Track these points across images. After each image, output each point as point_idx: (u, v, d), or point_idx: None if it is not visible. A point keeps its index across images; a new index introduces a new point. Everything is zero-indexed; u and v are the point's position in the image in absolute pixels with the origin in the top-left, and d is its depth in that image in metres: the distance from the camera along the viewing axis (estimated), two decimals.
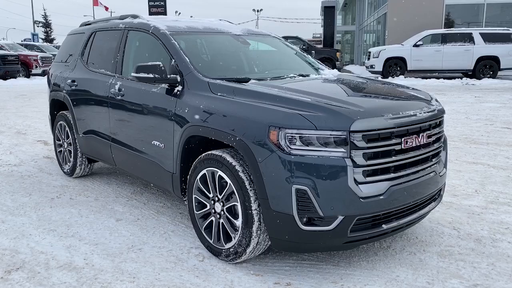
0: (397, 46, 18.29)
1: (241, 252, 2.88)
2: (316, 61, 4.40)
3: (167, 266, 3.01)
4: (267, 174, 2.66)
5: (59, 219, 3.86)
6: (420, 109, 2.94)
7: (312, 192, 2.57)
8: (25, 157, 6.16)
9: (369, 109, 2.73)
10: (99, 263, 3.05)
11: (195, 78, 3.29)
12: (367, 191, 2.65)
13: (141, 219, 3.85)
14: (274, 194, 2.65)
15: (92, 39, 4.73)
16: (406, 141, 2.79)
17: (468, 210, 4.03)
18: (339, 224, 2.62)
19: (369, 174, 2.69)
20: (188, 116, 3.18)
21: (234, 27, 4.28)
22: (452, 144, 6.78)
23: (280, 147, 2.61)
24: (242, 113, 2.84)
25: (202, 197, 3.14)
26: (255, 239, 2.82)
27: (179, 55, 3.47)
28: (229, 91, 3.06)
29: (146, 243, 3.38)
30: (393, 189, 2.74)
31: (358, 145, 2.61)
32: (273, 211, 2.67)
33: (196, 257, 3.14)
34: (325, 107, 2.69)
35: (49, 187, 4.78)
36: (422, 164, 2.98)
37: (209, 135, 3.00)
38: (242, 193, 2.79)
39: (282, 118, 2.64)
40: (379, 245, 3.32)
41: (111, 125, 4.14)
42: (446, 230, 3.58)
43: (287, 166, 2.59)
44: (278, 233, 2.73)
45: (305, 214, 2.61)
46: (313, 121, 2.60)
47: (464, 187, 4.73)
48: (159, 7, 39.08)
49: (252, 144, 2.71)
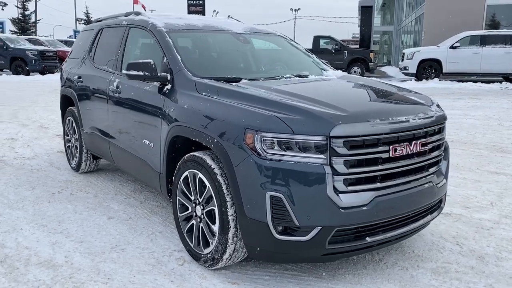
0: (432, 48, 17.64)
1: (218, 259, 2.78)
2: (321, 61, 4.23)
3: (144, 269, 2.94)
4: (242, 179, 2.53)
5: (53, 214, 3.87)
6: (414, 115, 2.73)
7: (287, 200, 2.43)
8: (40, 150, 6.29)
9: (354, 114, 2.56)
10: (79, 262, 3.02)
11: (183, 77, 3.21)
12: (349, 201, 2.48)
13: (133, 218, 3.81)
14: (249, 200, 2.52)
15: (99, 36, 4.74)
16: (395, 149, 2.59)
17: (477, 224, 3.76)
18: (316, 235, 2.47)
19: (352, 183, 2.52)
20: (173, 116, 3.10)
21: (237, 25, 4.17)
22: (476, 152, 6.42)
23: (256, 151, 2.48)
24: (221, 114, 2.73)
25: (185, 199, 3.05)
26: (231, 246, 2.70)
27: (171, 53, 3.40)
28: (213, 91, 2.96)
29: (130, 243, 3.32)
30: (378, 200, 2.56)
31: (339, 152, 2.45)
32: (248, 218, 2.54)
33: (177, 261, 3.06)
34: (306, 110, 2.53)
35: (54, 181, 4.83)
36: (416, 174, 2.77)
37: (191, 136, 2.90)
38: (219, 197, 2.68)
39: (258, 121, 2.51)
40: (371, 258, 3.13)
41: (109, 123, 4.12)
42: (448, 245, 3.34)
43: (262, 171, 2.46)
44: (253, 241, 2.60)
45: (280, 222, 2.47)
46: (291, 124, 2.45)
47: (480, 198, 4.43)
48: (198, 6, 39.59)
49: (229, 147, 2.59)
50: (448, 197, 4.45)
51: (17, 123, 8.45)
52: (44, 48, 21.30)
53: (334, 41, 21.51)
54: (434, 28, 21.15)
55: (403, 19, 32.78)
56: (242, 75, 3.37)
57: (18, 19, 38.56)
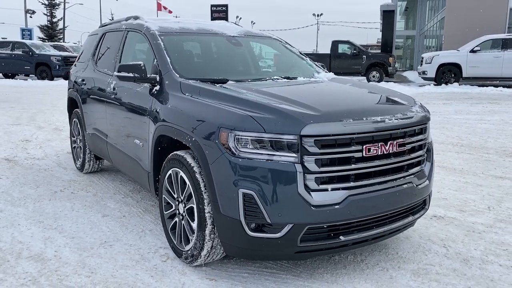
0: (452, 52, 17.36)
1: (197, 255, 2.84)
2: (314, 64, 4.26)
3: (128, 264, 3.03)
4: (217, 177, 2.60)
5: (52, 211, 4.01)
6: (391, 115, 2.74)
7: (259, 197, 2.47)
8: (51, 151, 6.50)
9: (327, 113, 2.59)
10: (67, 256, 3.13)
11: (171, 78, 3.30)
12: (320, 199, 2.51)
13: (127, 216, 3.91)
14: (223, 197, 2.58)
15: (102, 40, 4.89)
16: (369, 148, 2.61)
17: (469, 228, 3.71)
18: (288, 232, 2.50)
19: (324, 182, 2.55)
20: (159, 115, 3.19)
21: (232, 29, 4.25)
22: (485, 157, 6.31)
23: (230, 149, 2.54)
24: (199, 114, 2.80)
25: (169, 198, 3.14)
26: (209, 243, 2.76)
27: (161, 55, 3.50)
28: (195, 91, 3.04)
29: (119, 240, 3.42)
30: (352, 199, 2.57)
31: (310, 151, 2.48)
32: (223, 215, 2.60)
33: (161, 257, 3.13)
34: (278, 109, 2.58)
35: (58, 181, 5.00)
36: (393, 174, 2.77)
37: (173, 135, 2.99)
38: (197, 195, 2.75)
39: (232, 120, 2.57)
40: (353, 258, 3.13)
41: (107, 124, 4.25)
42: (434, 248, 3.32)
43: (235, 169, 2.51)
44: (228, 238, 2.66)
45: (252, 219, 2.52)
46: (263, 123, 2.50)
47: (478, 202, 4.37)
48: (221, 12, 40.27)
49: (205, 146, 2.66)
50: (445, 200, 4.41)
51: (34, 126, 8.74)
52: (68, 53, 21.92)
53: (353, 46, 21.41)
54: (455, 32, 20.81)
55: (425, 23, 32.35)
56: (231, 77, 3.44)
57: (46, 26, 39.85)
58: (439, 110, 11.39)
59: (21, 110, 10.94)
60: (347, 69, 21.33)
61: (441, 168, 5.68)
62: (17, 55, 20.81)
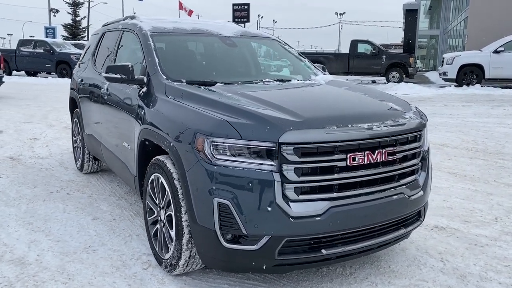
0: (474, 52, 16.84)
1: (175, 265, 2.74)
2: (314, 66, 4.11)
3: (107, 271, 2.95)
4: (192, 185, 2.49)
5: (43, 213, 3.98)
6: (380, 122, 2.58)
7: (234, 207, 2.36)
8: (56, 150, 6.52)
9: (309, 119, 2.45)
10: (48, 261, 3.07)
11: (157, 80, 3.21)
12: (300, 210, 2.38)
13: (117, 220, 3.84)
14: (199, 206, 2.47)
15: (101, 40, 4.85)
16: (353, 157, 2.45)
17: (471, 240, 3.51)
18: (265, 245, 2.38)
19: (305, 192, 2.41)
20: (143, 118, 3.10)
21: (229, 29, 4.12)
22: (499, 163, 6.03)
23: (205, 156, 2.42)
24: (179, 118, 2.70)
25: (152, 203, 3.05)
26: (186, 252, 2.65)
27: (150, 56, 3.41)
28: (178, 94, 2.93)
29: (104, 244, 3.35)
30: (334, 210, 2.43)
31: (289, 159, 2.35)
32: (199, 224, 2.49)
33: (142, 265, 3.05)
34: (257, 115, 2.45)
35: (56, 181, 4.98)
36: (382, 185, 2.61)
37: (154, 139, 2.89)
38: (175, 202, 2.65)
39: (208, 125, 2.46)
40: (341, 271, 2.98)
41: (101, 125, 4.20)
42: (431, 262, 3.14)
43: (210, 176, 2.40)
44: (204, 249, 2.55)
45: (228, 230, 2.40)
46: (239, 130, 2.38)
47: (485, 213, 4.15)
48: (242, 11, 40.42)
49: (182, 151, 2.55)
50: (450, 210, 4.20)
51: (45, 124, 8.82)
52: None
53: (372, 45, 21.01)
54: (478, 32, 20.21)
55: (449, 23, 31.60)
56: (221, 79, 3.33)
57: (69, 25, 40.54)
58: (457, 113, 11.04)
59: (36, 108, 11.08)
60: (366, 69, 20.99)
61: (451, 174, 5.45)
62: (38, 53, 21.20)
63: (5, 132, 7.86)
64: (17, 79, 20.76)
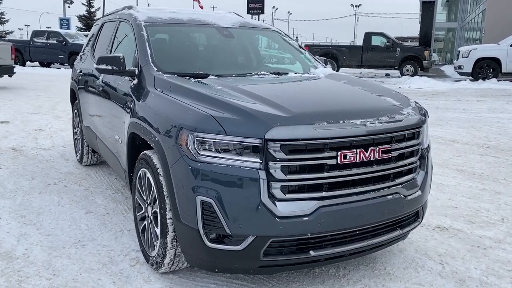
0: (491, 46, 16.40)
1: (160, 263, 2.66)
2: (314, 58, 3.97)
3: (94, 267, 2.88)
4: (176, 181, 2.39)
5: (37, 205, 3.93)
6: (374, 118, 2.45)
7: (217, 206, 2.26)
8: (59, 142, 6.49)
9: (298, 115, 2.33)
10: (35, 255, 3.02)
11: (148, 72, 3.11)
12: (287, 209, 2.27)
13: (110, 214, 3.78)
14: (182, 204, 2.38)
15: (100, 31, 4.77)
16: (344, 155, 2.33)
17: (474, 242, 3.36)
18: (249, 245, 2.28)
19: (292, 191, 2.30)
20: (132, 111, 3.02)
21: (228, 20, 4.00)
22: (511, 161, 5.82)
23: (189, 152, 2.32)
24: (165, 111, 2.60)
25: (140, 199, 2.97)
26: (171, 251, 2.57)
27: (143, 46, 3.32)
28: (166, 87, 2.83)
29: (94, 239, 3.29)
30: (324, 210, 2.31)
31: (276, 156, 2.24)
32: (182, 223, 2.40)
33: (130, 261, 2.98)
34: (244, 109, 2.34)
35: (55, 173, 4.94)
36: (375, 184, 2.48)
37: (140, 133, 2.80)
38: (159, 199, 2.56)
39: (192, 120, 2.35)
40: (334, 272, 2.87)
41: (97, 117, 4.13)
42: (429, 264, 3.00)
43: (193, 173, 2.30)
44: (187, 248, 2.46)
45: (211, 229, 2.31)
46: (224, 124, 2.27)
47: (491, 213, 3.98)
48: (257, 3, 40.18)
49: (166, 146, 2.46)
50: (454, 209, 4.05)
51: (52, 115, 8.83)
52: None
53: (386, 38, 20.64)
54: (496, 25, 19.68)
55: (467, 15, 30.89)
56: (215, 71, 3.22)
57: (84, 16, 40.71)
58: (471, 108, 10.76)
59: (46, 99, 11.12)
60: (379, 62, 20.66)
61: (459, 172, 5.27)
62: (51, 44, 21.34)
63: (12, 122, 7.88)
64: (31, 69, 20.94)
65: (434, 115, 9.62)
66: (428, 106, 11.16)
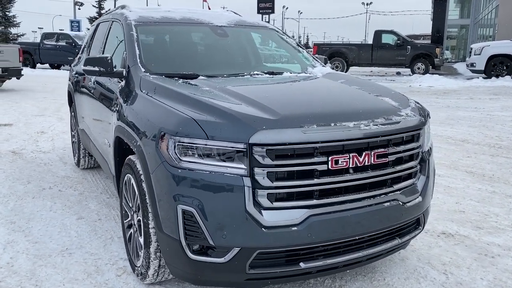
0: (504, 42, 16.01)
1: (145, 274, 2.53)
2: (312, 57, 3.81)
3: (78, 277, 2.76)
4: (157, 189, 2.26)
5: (29, 211, 3.84)
6: (369, 120, 2.29)
7: (200, 215, 2.11)
8: (60, 145, 6.42)
9: (286, 117, 2.18)
10: (19, 265, 2.91)
11: (135, 73, 2.99)
12: (274, 219, 2.12)
13: (102, 220, 3.66)
14: (164, 213, 2.24)
15: (95, 32, 4.67)
16: (336, 160, 2.17)
17: (481, 250, 3.17)
18: (234, 257, 2.13)
19: (280, 199, 2.15)
20: (118, 115, 2.89)
21: (222, 18, 3.85)
22: None
23: (169, 158, 2.19)
24: (146, 115, 2.47)
25: (127, 206, 2.84)
26: (155, 261, 2.43)
27: (131, 47, 3.19)
28: (151, 89, 2.70)
29: (82, 247, 3.17)
30: (314, 219, 2.16)
31: (261, 162, 2.09)
32: (164, 233, 2.26)
33: (117, 271, 2.85)
34: (228, 112, 2.20)
35: (52, 177, 4.85)
36: (370, 191, 2.32)
37: (124, 137, 2.68)
38: (142, 207, 2.43)
39: (174, 124, 2.21)
40: (331, 283, 2.71)
41: (90, 120, 4.03)
42: (432, 274, 2.83)
43: (174, 181, 2.16)
44: (171, 259, 2.32)
45: (193, 240, 2.17)
46: (206, 129, 2.13)
47: (501, 218, 3.78)
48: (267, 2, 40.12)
49: (147, 152, 2.33)
50: (462, 214, 3.85)
51: (56, 117, 8.78)
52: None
53: (397, 35, 20.32)
54: (509, 21, 19.23)
55: (480, 12, 30.34)
56: (206, 71, 3.09)
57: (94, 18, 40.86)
58: (483, 106, 10.48)
59: (51, 101, 11.10)
60: (390, 61, 20.36)
61: (468, 173, 5.07)
62: (61, 46, 21.45)
63: (15, 125, 7.85)
64: (40, 71, 21.07)
65: (444, 114, 9.37)
66: (438, 104, 10.90)
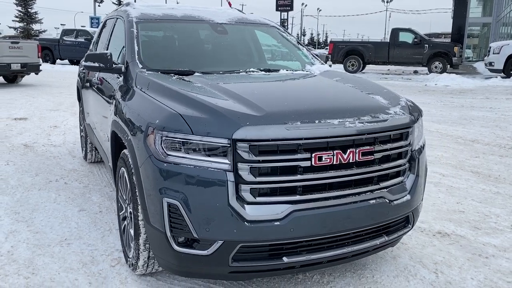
0: None
1: (135, 265, 2.60)
2: (312, 55, 3.82)
3: (74, 267, 2.85)
4: (145, 182, 2.32)
5: (34, 202, 3.95)
6: (355, 118, 2.30)
7: (184, 208, 2.17)
8: (71, 139, 6.57)
9: (270, 114, 2.21)
10: (19, 253, 3.02)
11: (132, 69, 3.06)
12: (257, 213, 2.15)
13: (103, 212, 3.76)
14: (151, 206, 2.30)
15: (103, 28, 4.77)
16: (319, 157, 2.19)
17: (476, 250, 3.15)
18: (217, 250, 2.18)
19: (263, 194, 2.18)
20: (115, 109, 2.96)
21: (223, 15, 3.89)
22: None
23: (156, 152, 2.24)
24: (137, 110, 2.53)
25: (121, 198, 2.91)
26: (144, 253, 2.50)
27: (131, 43, 3.26)
28: (145, 84, 2.76)
29: (81, 238, 3.26)
30: (297, 215, 2.19)
31: (245, 158, 2.13)
32: (152, 225, 2.32)
33: (111, 261, 2.93)
34: (213, 108, 2.24)
35: (60, 170, 4.98)
36: (355, 188, 2.34)
37: (118, 132, 2.75)
38: (133, 200, 2.49)
39: (160, 118, 2.26)
40: (319, 278, 2.74)
41: (94, 114, 4.12)
42: (422, 273, 2.82)
43: (160, 174, 2.22)
44: (158, 251, 2.38)
45: (178, 233, 2.22)
46: (191, 124, 2.18)
47: (501, 218, 3.74)
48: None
49: (136, 146, 2.39)
50: (461, 214, 3.82)
51: (70, 112, 8.97)
52: None
53: (414, 34, 20.06)
54: None
55: (502, 10, 29.68)
56: (203, 68, 3.14)
57: None
58: (499, 106, 10.30)
59: (67, 96, 11.32)
60: (407, 59, 20.12)
61: (474, 174, 5.01)
62: (80, 43, 21.81)
63: (30, 119, 8.04)
64: (60, 67, 21.50)
65: (457, 114, 9.25)
66: (453, 104, 10.76)
